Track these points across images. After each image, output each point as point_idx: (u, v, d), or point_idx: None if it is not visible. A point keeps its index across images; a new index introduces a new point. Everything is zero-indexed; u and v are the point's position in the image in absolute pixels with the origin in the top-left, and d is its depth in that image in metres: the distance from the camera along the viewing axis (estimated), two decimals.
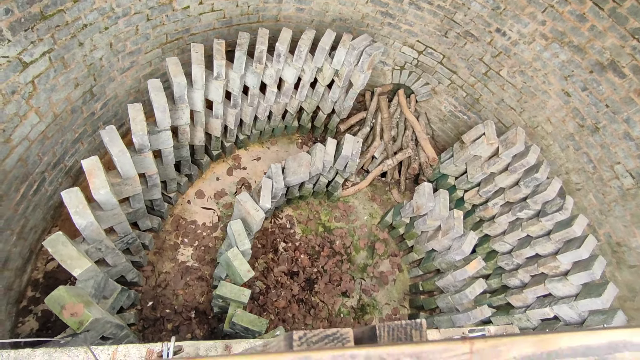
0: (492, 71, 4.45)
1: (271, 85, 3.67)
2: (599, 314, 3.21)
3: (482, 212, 4.40)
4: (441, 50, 4.60)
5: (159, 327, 3.33)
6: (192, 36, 3.78)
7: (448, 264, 3.85)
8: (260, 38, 3.25)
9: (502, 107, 4.62)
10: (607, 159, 3.80)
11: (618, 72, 3.58)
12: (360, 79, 3.84)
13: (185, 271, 3.62)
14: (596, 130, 3.85)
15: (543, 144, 4.36)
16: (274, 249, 4.01)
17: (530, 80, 4.22)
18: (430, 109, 5.30)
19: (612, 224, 3.79)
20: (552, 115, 4.18)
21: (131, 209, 2.97)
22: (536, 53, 4.02)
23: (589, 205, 3.98)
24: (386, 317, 4.10)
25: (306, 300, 3.86)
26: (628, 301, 3.63)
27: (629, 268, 3.66)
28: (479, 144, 4.04)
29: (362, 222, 4.55)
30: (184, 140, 3.35)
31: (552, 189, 3.65)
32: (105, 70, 3.22)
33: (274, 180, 3.25)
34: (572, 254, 3.42)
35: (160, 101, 2.64)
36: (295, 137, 4.78)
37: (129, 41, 3.25)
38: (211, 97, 3.34)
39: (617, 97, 3.64)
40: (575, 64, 3.84)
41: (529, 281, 3.91)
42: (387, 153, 4.73)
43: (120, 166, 2.45)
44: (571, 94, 3.96)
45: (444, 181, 4.63)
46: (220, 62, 3.04)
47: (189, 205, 3.96)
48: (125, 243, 2.98)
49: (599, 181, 3.89)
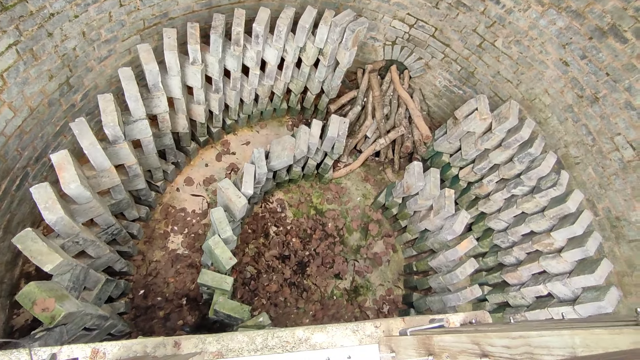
0: (487, 42, 4.24)
1: (253, 67, 3.56)
2: (592, 290, 3.14)
3: (477, 189, 4.29)
4: (433, 23, 4.39)
5: (150, 315, 3.39)
6: (171, 20, 3.67)
7: (440, 244, 3.80)
8: (237, 19, 3.13)
9: (498, 80, 4.43)
10: (607, 130, 3.63)
11: (619, 37, 3.36)
12: (346, 57, 3.70)
13: (176, 259, 3.65)
14: (596, 100, 3.66)
15: (541, 117, 4.19)
16: (265, 234, 4.00)
17: (526, 50, 4.01)
18: (425, 85, 5.12)
19: (612, 198, 3.66)
20: (550, 86, 3.99)
21: (113, 200, 2.97)
22: (532, 21, 3.81)
23: (588, 180, 3.84)
24: (380, 298, 4.10)
25: (298, 284, 3.88)
26: (626, 276, 3.54)
27: (628, 243, 3.55)
28: (471, 120, 3.90)
29: (355, 203, 4.50)
30: (165, 129, 3.30)
31: (546, 164, 3.53)
32: (80, 60, 3.15)
33: (257, 165, 3.20)
34: (566, 230, 3.33)
35: (132, 90, 2.58)
36: (285, 120, 4.69)
37: (103, 29, 3.16)
38: (190, 83, 3.27)
39: (619, 64, 3.44)
40: (573, 31, 3.62)
41: (524, 259, 3.85)
42: (380, 132, 4.61)
43: (93, 159, 2.42)
44: (569, 63, 3.76)
45: (439, 159, 4.52)
46: (194, 47, 2.95)
47: (178, 193, 3.96)
48: (110, 234, 2.99)
49: (598, 154, 3.74)
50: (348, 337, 1.47)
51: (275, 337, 1.39)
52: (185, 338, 1.31)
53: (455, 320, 1.64)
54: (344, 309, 3.93)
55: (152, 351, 1.26)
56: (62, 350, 1.20)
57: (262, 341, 1.37)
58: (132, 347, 1.25)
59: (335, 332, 1.46)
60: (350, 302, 3.99)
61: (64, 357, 1.18)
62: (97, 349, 1.22)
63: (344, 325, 1.49)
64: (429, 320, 1.44)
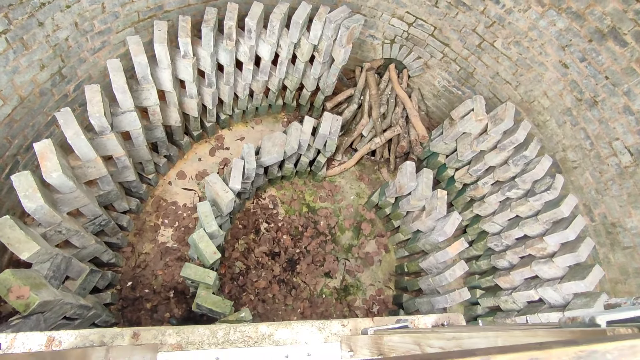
0: (486, 42, 4.18)
1: (246, 62, 3.55)
2: (583, 297, 3.08)
3: (472, 191, 4.24)
4: (432, 22, 4.34)
5: (137, 306, 3.40)
6: (167, 13, 3.66)
7: (432, 245, 3.76)
8: (229, 13, 3.12)
9: (497, 81, 4.37)
10: (605, 134, 3.56)
11: (619, 40, 3.29)
12: (341, 54, 3.67)
13: (165, 252, 3.66)
14: (595, 104, 3.60)
15: (539, 119, 4.12)
16: (256, 230, 3.99)
17: (526, 51, 3.95)
18: (424, 84, 5.07)
19: (608, 203, 3.60)
20: (549, 88, 3.93)
21: (102, 191, 2.97)
22: (532, 22, 3.74)
23: (585, 184, 3.77)
24: (370, 298, 4.07)
25: (287, 281, 3.86)
26: (619, 284, 3.48)
27: (622, 250, 3.49)
28: (467, 121, 3.84)
29: (349, 202, 4.47)
30: (156, 121, 3.30)
31: (541, 168, 3.47)
32: (73, 51, 3.16)
33: (246, 160, 3.19)
34: (559, 235, 3.27)
35: (119, 82, 2.58)
36: (281, 116, 4.67)
37: (96, 20, 3.16)
38: (182, 77, 3.26)
39: (618, 68, 3.37)
40: (573, 33, 3.56)
41: (517, 263, 3.79)
42: (376, 131, 4.57)
43: (77, 149, 2.42)
44: (569, 65, 3.69)
45: (435, 159, 4.47)
46: (185, 40, 2.94)
47: (170, 186, 3.96)
48: (98, 225, 3.00)
49: (596, 158, 3.67)
50: (313, 334, 1.45)
51: (238, 332, 1.37)
52: (145, 329, 1.30)
53: (427, 322, 1.61)
54: (333, 307, 3.91)
55: (109, 341, 1.25)
56: (17, 337, 1.19)
57: (223, 335, 1.35)
58: (89, 336, 1.24)
59: (300, 329, 1.44)
60: (340, 301, 3.97)
61: (18, 343, 1.17)
62: (53, 337, 1.22)
63: (309, 323, 1.47)
64: (396, 321, 1.42)
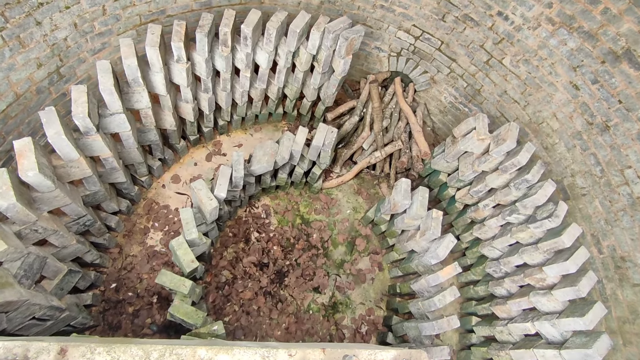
0: (494, 59, 4.04)
1: (243, 69, 3.52)
2: (582, 335, 2.86)
3: (473, 213, 4.06)
4: (439, 36, 4.22)
5: (119, 309, 3.36)
6: (169, 18, 3.69)
7: (425, 267, 3.60)
8: (225, 20, 3.10)
9: (504, 100, 4.20)
10: (617, 162, 3.35)
11: (634, 63, 3.11)
12: (341, 65, 3.60)
13: (152, 255, 3.62)
14: (606, 129, 3.40)
15: (548, 142, 3.93)
16: (246, 239, 3.92)
17: (535, 70, 3.79)
18: (430, 100, 4.94)
19: (618, 235, 3.37)
20: (559, 110, 3.75)
21: (88, 191, 2.97)
22: (542, 40, 3.59)
23: (594, 213, 3.55)
24: (359, 318, 3.92)
25: (274, 294, 3.76)
26: (627, 323, 3.23)
27: (632, 287, 3.24)
28: (469, 139, 3.69)
29: (345, 216, 4.36)
30: (148, 124, 3.29)
31: (543, 193, 3.28)
32: (72, 51, 3.20)
33: (234, 169, 3.13)
34: (559, 266, 3.07)
35: (106, 83, 2.57)
36: (282, 125, 4.62)
37: (96, 22, 3.21)
38: (176, 81, 3.25)
39: (632, 92, 3.18)
40: (585, 53, 3.38)
41: (515, 292, 3.58)
42: (377, 145, 4.46)
43: (58, 148, 2.42)
44: (580, 87, 3.51)
45: (436, 177, 4.32)
46: (178, 45, 2.93)
47: (163, 189, 3.94)
48: (83, 225, 2.99)
49: (606, 186, 3.45)
50: None
51: (174, 354, 1.29)
52: (74, 344, 1.23)
53: (385, 358, 1.48)
54: (320, 324, 3.78)
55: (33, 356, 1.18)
56: None
57: (157, 357, 1.27)
58: (14, 349, 1.18)
59: (242, 356, 1.34)
60: (327, 319, 3.83)
61: None
62: None
63: (253, 350, 1.37)
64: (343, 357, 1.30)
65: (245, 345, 1.43)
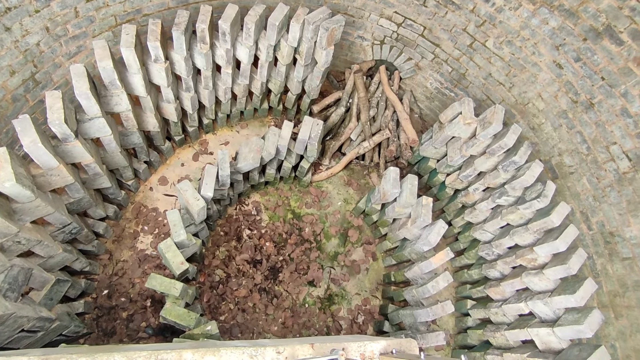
0: (478, 42, 4.02)
1: (224, 66, 3.46)
2: (574, 312, 2.90)
3: (463, 197, 4.07)
4: (421, 22, 4.18)
5: (113, 315, 3.34)
6: (145, 17, 3.60)
7: (418, 254, 3.60)
8: (202, 16, 3.04)
9: (490, 83, 4.19)
10: (603, 138, 3.36)
11: (615, 39, 3.11)
12: (323, 56, 3.55)
13: (144, 259, 3.59)
14: (591, 106, 3.40)
15: (534, 122, 3.93)
16: (238, 237, 3.90)
17: (518, 51, 3.77)
18: (416, 86, 4.91)
19: (606, 211, 3.39)
20: (544, 90, 3.74)
21: (72, 199, 2.92)
22: (523, 20, 3.57)
23: (582, 191, 3.58)
24: (355, 308, 3.93)
25: (269, 290, 3.76)
26: (618, 297, 3.27)
27: (621, 261, 3.28)
28: (455, 124, 3.68)
29: (336, 208, 4.35)
30: (130, 127, 3.24)
31: (531, 174, 3.29)
32: (46, 56, 3.12)
33: (220, 167, 3.10)
34: (549, 245, 3.09)
35: (81, 87, 2.51)
36: (268, 120, 4.58)
37: (69, 25, 3.12)
38: (156, 81, 3.19)
39: (614, 68, 3.18)
40: (567, 31, 3.37)
41: (509, 273, 3.61)
42: (365, 135, 4.44)
43: (36, 157, 2.36)
44: (563, 65, 3.51)
45: (425, 164, 4.31)
46: (154, 44, 2.86)
47: (151, 192, 3.90)
48: (69, 233, 2.95)
49: (593, 164, 3.47)
50: None
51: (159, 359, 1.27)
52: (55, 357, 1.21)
53: (375, 349, 1.48)
54: (316, 317, 3.79)
55: None
56: None
57: None
58: None
59: (230, 357, 1.33)
60: (323, 311, 3.84)
61: None
62: None
63: (241, 350, 1.35)
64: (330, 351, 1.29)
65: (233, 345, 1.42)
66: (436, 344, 3.06)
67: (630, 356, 2.91)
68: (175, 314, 2.54)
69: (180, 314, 2.55)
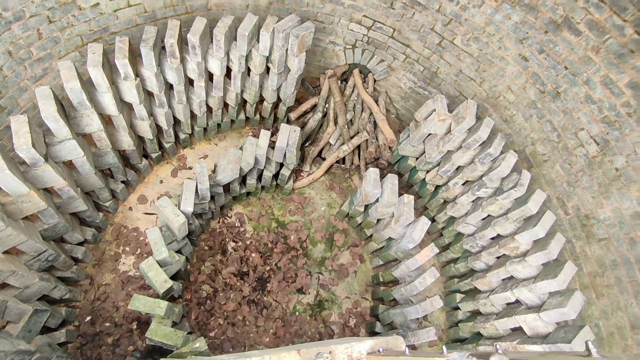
0: (446, 41, 4.11)
1: (197, 79, 3.44)
2: (557, 295, 2.96)
3: (444, 193, 4.13)
4: (390, 24, 4.26)
5: (98, 342, 3.23)
6: (113, 35, 3.56)
7: (404, 253, 3.63)
8: (170, 31, 3.02)
9: (461, 79, 4.29)
10: (571, 125, 3.48)
11: (573, 30, 3.23)
12: (295, 63, 3.57)
13: (127, 281, 3.50)
14: (557, 95, 3.52)
15: (506, 114, 4.04)
16: (223, 250, 3.85)
17: (485, 47, 3.88)
18: (391, 87, 4.99)
19: (580, 195, 3.50)
20: (512, 82, 3.86)
21: (46, 225, 2.83)
22: (488, 16, 3.68)
23: (556, 177, 3.68)
24: (346, 312, 3.92)
25: (258, 301, 3.71)
26: (598, 277, 3.36)
27: (598, 242, 3.38)
28: (430, 121, 3.75)
29: (320, 213, 4.35)
30: (104, 147, 3.17)
31: (506, 165, 3.37)
32: (11, 80, 3.04)
33: (199, 181, 3.06)
34: (529, 233, 3.16)
35: (48, 110, 2.45)
36: (246, 131, 4.56)
37: (33, 47, 3.06)
38: (127, 99, 3.14)
39: (575, 57, 3.30)
40: (529, 25, 3.49)
41: (493, 264, 3.67)
42: (343, 138, 4.47)
43: (3, 184, 2.29)
44: (529, 58, 3.63)
45: (405, 163, 4.37)
46: (122, 62, 2.82)
47: (131, 212, 3.82)
48: (45, 261, 2.85)
49: (564, 150, 3.58)
50: None
51: None
52: None
53: (362, 349, 1.47)
54: (308, 324, 3.76)
55: None
56: None
57: None
58: None
59: None
60: (314, 317, 3.82)
61: None
62: None
63: None
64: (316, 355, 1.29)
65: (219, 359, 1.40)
66: (428, 340, 3.08)
67: (613, 333, 2.98)
68: (161, 334, 2.48)
69: (166, 333, 2.49)
